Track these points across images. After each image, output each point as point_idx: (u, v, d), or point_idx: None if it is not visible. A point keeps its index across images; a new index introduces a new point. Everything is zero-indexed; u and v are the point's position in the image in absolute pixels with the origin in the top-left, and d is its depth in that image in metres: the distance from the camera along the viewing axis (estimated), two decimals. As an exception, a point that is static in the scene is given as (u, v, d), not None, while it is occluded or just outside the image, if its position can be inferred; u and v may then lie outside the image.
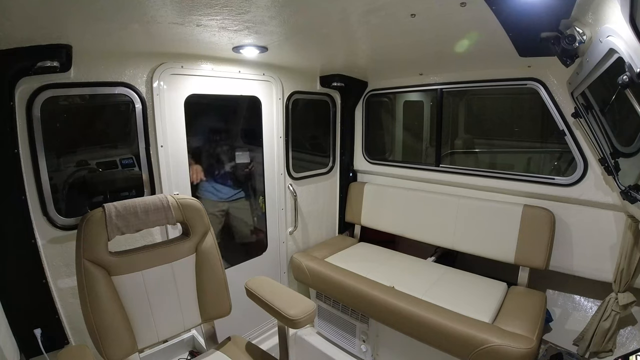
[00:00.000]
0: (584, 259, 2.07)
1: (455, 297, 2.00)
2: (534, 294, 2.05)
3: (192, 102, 2.05)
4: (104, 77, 1.68)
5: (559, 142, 2.14)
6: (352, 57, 2.22)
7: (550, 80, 2.01)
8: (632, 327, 1.96)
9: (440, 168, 2.65)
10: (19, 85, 1.45)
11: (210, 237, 1.60)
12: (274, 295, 1.49)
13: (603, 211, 1.98)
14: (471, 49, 1.77)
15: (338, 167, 3.09)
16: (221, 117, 2.85)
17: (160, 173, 1.91)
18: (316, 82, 2.74)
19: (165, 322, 1.47)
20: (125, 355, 1.33)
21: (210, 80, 2.10)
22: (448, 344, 1.75)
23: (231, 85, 2.21)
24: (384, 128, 3.48)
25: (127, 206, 1.41)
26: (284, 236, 2.68)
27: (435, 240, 2.58)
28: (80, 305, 1.29)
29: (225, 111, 2.84)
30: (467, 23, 1.41)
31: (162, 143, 1.90)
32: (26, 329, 1.50)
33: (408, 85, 2.75)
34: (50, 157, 1.59)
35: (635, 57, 0.90)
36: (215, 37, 1.58)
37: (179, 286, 1.51)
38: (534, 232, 2.11)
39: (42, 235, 1.57)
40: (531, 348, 1.59)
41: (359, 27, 1.51)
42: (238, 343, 1.61)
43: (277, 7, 1.24)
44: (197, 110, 2.47)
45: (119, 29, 1.38)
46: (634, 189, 1.40)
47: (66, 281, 1.64)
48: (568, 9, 1.17)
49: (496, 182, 2.37)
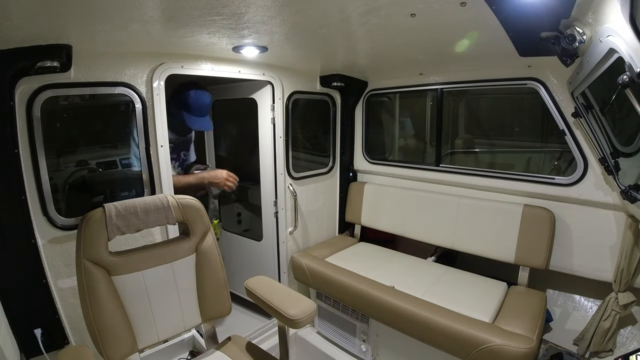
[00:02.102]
0: (584, 258, 2.07)
1: (455, 296, 2.00)
2: (534, 294, 2.05)
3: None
4: (104, 77, 1.68)
5: (559, 141, 2.14)
6: (352, 57, 2.22)
7: (551, 80, 2.01)
8: (632, 326, 1.96)
9: (441, 168, 2.65)
10: (19, 85, 1.45)
11: (210, 237, 1.60)
12: (274, 295, 1.49)
13: (603, 211, 1.98)
14: (471, 49, 1.77)
15: (338, 166, 3.09)
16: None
17: (160, 173, 1.91)
18: (316, 82, 2.74)
19: (165, 322, 1.47)
20: (126, 355, 1.33)
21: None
22: (448, 343, 1.75)
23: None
24: (384, 128, 3.47)
25: (127, 206, 1.41)
26: (284, 236, 2.68)
27: (435, 240, 2.58)
28: (80, 305, 1.30)
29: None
30: (467, 23, 1.41)
31: (162, 143, 1.90)
32: (26, 329, 1.50)
33: (408, 85, 2.75)
34: (50, 157, 1.59)
35: (635, 56, 0.90)
36: (215, 37, 1.58)
37: (179, 286, 1.51)
38: (534, 232, 2.11)
39: (42, 235, 1.57)
40: (531, 348, 1.59)
41: (358, 27, 1.50)
42: (238, 343, 1.61)
43: (277, 7, 1.24)
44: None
45: (119, 29, 1.38)
46: (634, 188, 1.40)
47: (66, 281, 1.64)
48: (568, 9, 1.17)
49: (496, 181, 2.37)
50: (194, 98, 2.19)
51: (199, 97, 2.20)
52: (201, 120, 2.24)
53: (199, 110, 2.21)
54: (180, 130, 2.29)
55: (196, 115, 2.21)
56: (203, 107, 2.23)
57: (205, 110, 2.26)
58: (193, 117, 2.20)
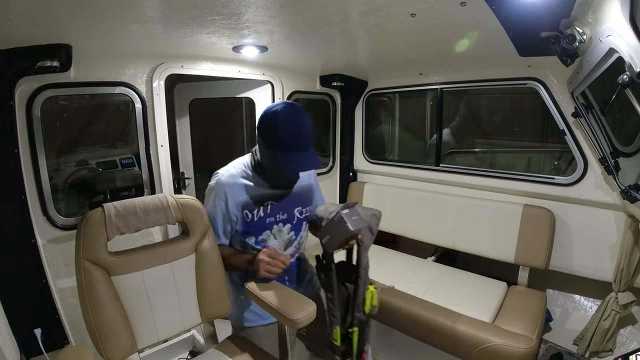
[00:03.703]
0: (584, 258, 2.06)
1: (455, 296, 2.00)
2: (534, 294, 2.05)
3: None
4: (104, 76, 1.68)
5: (559, 141, 2.14)
6: (352, 56, 2.22)
7: (550, 80, 2.01)
8: (632, 326, 1.96)
9: (441, 168, 2.65)
10: (19, 85, 1.45)
11: (210, 237, 1.60)
12: (274, 295, 1.49)
13: (603, 211, 1.97)
14: (471, 49, 1.77)
15: (338, 166, 3.09)
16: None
17: (160, 173, 1.91)
18: (316, 81, 2.74)
19: (165, 322, 1.47)
20: (125, 355, 1.33)
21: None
22: (448, 343, 1.75)
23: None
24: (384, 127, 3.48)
25: (127, 206, 1.41)
26: (284, 236, 2.68)
27: (435, 240, 2.57)
28: (80, 305, 1.29)
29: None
30: (467, 23, 1.41)
31: (162, 143, 1.90)
32: (26, 329, 1.50)
33: (408, 85, 2.75)
34: (50, 156, 1.59)
35: (635, 56, 0.90)
36: (215, 36, 1.58)
37: (178, 286, 1.51)
38: (534, 232, 2.11)
39: (42, 235, 1.57)
40: (531, 347, 1.59)
41: (358, 26, 1.50)
42: (238, 343, 1.61)
43: (277, 6, 1.24)
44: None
45: (119, 29, 1.38)
46: (634, 188, 1.40)
47: (66, 281, 1.64)
48: (568, 9, 1.17)
49: (496, 181, 2.36)
50: (285, 124, 1.23)
51: (294, 121, 1.25)
52: (305, 155, 1.27)
53: (297, 141, 1.25)
54: (281, 180, 1.42)
55: (296, 150, 1.25)
56: (304, 133, 1.26)
57: (308, 139, 1.28)
58: (293, 154, 1.25)
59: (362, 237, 1.34)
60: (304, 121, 1.26)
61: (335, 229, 1.24)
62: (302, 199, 1.47)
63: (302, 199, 1.47)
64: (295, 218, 1.45)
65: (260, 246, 1.43)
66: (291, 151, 1.25)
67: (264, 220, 1.40)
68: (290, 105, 1.27)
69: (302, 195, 1.48)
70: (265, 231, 1.42)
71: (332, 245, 1.25)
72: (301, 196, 1.47)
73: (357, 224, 1.24)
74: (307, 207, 1.48)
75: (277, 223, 1.42)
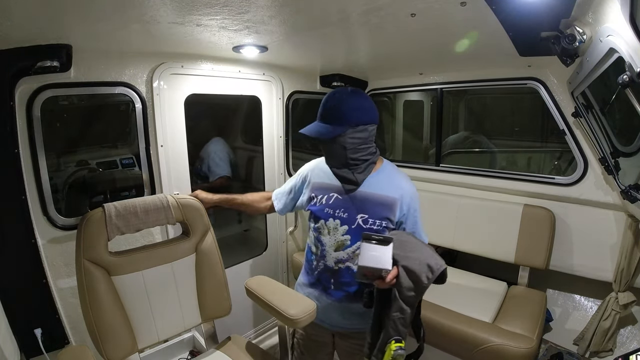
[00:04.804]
0: (584, 258, 2.07)
1: (455, 296, 2.00)
2: (534, 294, 2.05)
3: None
4: (104, 77, 1.68)
5: (559, 141, 2.15)
6: (352, 56, 2.22)
7: (551, 80, 2.01)
8: (632, 326, 1.96)
9: (441, 167, 2.65)
10: (19, 85, 1.45)
11: (210, 237, 1.61)
12: (274, 295, 1.49)
13: (603, 211, 1.98)
14: (471, 49, 1.76)
15: (338, 166, 3.09)
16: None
17: (160, 173, 1.91)
18: (316, 81, 2.74)
19: (165, 322, 1.47)
20: (125, 355, 1.34)
21: (210, 80, 2.10)
22: (448, 343, 1.75)
23: (231, 85, 2.21)
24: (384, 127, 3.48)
25: (127, 206, 1.41)
26: (284, 236, 2.68)
27: (435, 240, 2.57)
28: (80, 305, 1.30)
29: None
30: (467, 22, 1.41)
31: (162, 143, 1.89)
32: (26, 329, 1.50)
33: (408, 84, 2.75)
34: (50, 157, 1.59)
35: (635, 56, 0.90)
36: (215, 36, 1.58)
37: (179, 286, 1.51)
38: (534, 232, 2.11)
39: (42, 235, 1.57)
40: (531, 347, 1.59)
41: (359, 26, 1.50)
42: (238, 343, 1.61)
43: (277, 6, 1.24)
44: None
45: (119, 29, 1.38)
46: (634, 188, 1.40)
47: (66, 281, 1.64)
48: (568, 9, 1.17)
49: (496, 181, 2.37)
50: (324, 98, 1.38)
51: (330, 95, 1.37)
52: (319, 124, 1.37)
53: (321, 111, 1.37)
54: (328, 158, 1.44)
55: (317, 119, 1.38)
56: (327, 104, 1.36)
57: (330, 113, 1.35)
58: (314, 122, 1.39)
59: (400, 278, 1.19)
60: (336, 97, 1.34)
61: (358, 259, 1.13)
62: (373, 208, 1.34)
63: (372, 207, 1.34)
64: (356, 223, 1.34)
65: (316, 234, 1.43)
66: (316, 120, 1.38)
67: (324, 208, 1.39)
68: (344, 86, 1.33)
69: (375, 205, 1.34)
70: (321, 220, 1.39)
71: (357, 275, 1.14)
72: (372, 204, 1.34)
73: (373, 261, 1.10)
74: (375, 219, 1.33)
75: (334, 218, 1.36)
